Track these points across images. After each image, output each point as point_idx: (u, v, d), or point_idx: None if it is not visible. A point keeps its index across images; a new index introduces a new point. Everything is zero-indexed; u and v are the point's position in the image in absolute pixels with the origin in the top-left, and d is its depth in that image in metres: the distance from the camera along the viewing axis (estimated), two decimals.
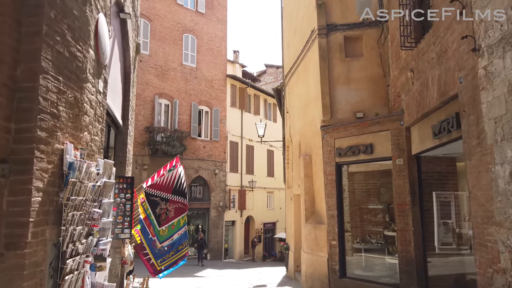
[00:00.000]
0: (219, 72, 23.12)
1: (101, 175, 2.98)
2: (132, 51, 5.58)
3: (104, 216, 3.00)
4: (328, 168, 7.94)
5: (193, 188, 21.40)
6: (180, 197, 5.52)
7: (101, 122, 3.21)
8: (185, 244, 5.71)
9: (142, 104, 19.30)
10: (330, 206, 7.82)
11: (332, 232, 7.72)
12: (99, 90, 3.13)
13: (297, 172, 9.84)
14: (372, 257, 7.63)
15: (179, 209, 5.46)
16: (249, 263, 21.82)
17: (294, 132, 10.56)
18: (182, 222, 5.57)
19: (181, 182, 5.60)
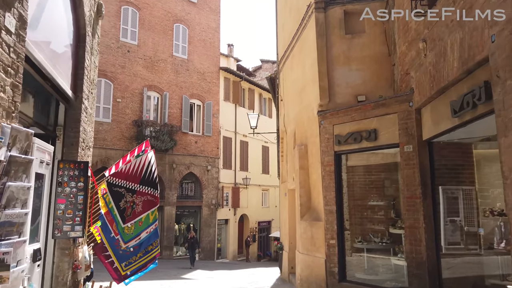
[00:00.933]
0: (211, 64, 22.19)
1: (5, 146, 2.08)
2: (89, 9, 4.65)
3: (10, 206, 2.11)
4: (326, 158, 7.06)
5: (184, 185, 20.48)
6: (149, 188, 4.61)
7: (13, 75, 2.31)
8: (155, 244, 4.81)
9: (130, 96, 18.35)
10: (328, 200, 6.94)
11: (330, 230, 6.84)
12: (8, 29, 2.23)
13: (292, 164, 8.95)
14: (375, 258, 6.76)
15: (148, 202, 4.56)
16: (242, 264, 20.92)
17: (289, 121, 9.67)
18: (152, 217, 4.66)
19: (151, 170, 4.70)
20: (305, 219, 7.66)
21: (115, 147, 17.54)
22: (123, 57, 18.30)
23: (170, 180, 19.41)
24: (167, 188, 19.26)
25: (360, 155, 7.12)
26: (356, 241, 6.88)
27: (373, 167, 7.25)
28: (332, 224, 6.83)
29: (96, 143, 17.64)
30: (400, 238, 6.34)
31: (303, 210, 7.79)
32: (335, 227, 6.78)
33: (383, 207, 6.96)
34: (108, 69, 17.70)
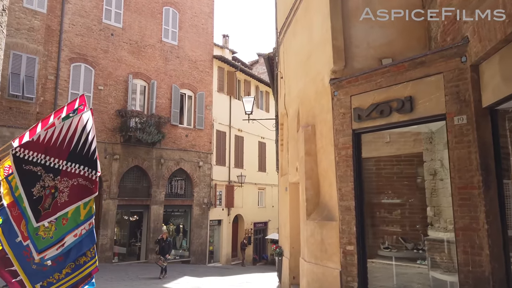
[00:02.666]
0: (204, 52, 20.53)
1: None
2: None
3: None
4: (341, 139, 5.43)
5: (173, 183, 18.80)
6: (82, 166, 2.97)
7: None
8: (90, 255, 3.18)
9: (113, 84, 16.64)
10: (344, 194, 5.31)
11: (347, 233, 5.21)
12: None
13: (295, 152, 7.32)
14: (408, 270, 5.13)
15: (80, 189, 2.91)
16: (237, 268, 19.24)
17: (291, 100, 8.04)
18: (85, 212, 3.00)
19: (86, 140, 3.04)
20: (313, 218, 6.02)
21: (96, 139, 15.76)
22: (106, 40, 16.61)
23: (158, 176, 17.73)
24: (154, 186, 17.57)
25: (384, 134, 5.50)
26: (382, 247, 5.26)
27: (403, 149, 5.63)
28: (349, 224, 5.20)
29: None
30: (442, 244, 4.73)
31: (310, 207, 6.15)
32: (353, 229, 5.15)
33: (417, 203, 5.33)
34: (88, 53, 16.00)
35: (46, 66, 14.80)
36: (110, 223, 15.93)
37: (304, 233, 6.29)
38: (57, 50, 15.11)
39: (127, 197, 16.64)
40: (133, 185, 17.12)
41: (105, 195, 15.90)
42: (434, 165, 5.68)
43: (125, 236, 17.18)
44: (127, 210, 17.09)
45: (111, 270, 13.12)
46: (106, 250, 15.73)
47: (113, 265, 15.25)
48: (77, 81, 15.61)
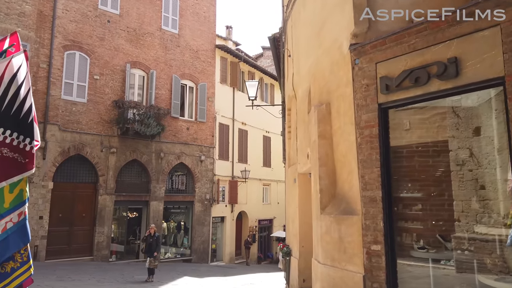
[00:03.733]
0: (206, 41, 19.60)
1: None
2: None
3: None
4: (364, 116, 4.48)
5: (174, 178, 17.93)
6: (9, 131, 2.06)
7: None
8: (20, 259, 2.27)
9: (110, 73, 15.78)
10: (368, 182, 4.37)
11: (372, 229, 4.27)
12: None
13: (305, 137, 6.38)
14: (449, 275, 4.17)
15: (4, 163, 2.01)
16: (240, 267, 18.37)
17: (300, 79, 7.09)
18: (12, 198, 2.06)
19: (17, 95, 2.13)
20: (328, 212, 5.08)
21: (91, 131, 14.99)
22: (102, 28, 15.74)
23: (157, 171, 16.86)
24: (154, 181, 16.71)
25: (402, 121, 4.55)
26: (416, 246, 4.30)
27: (442, 125, 4.67)
28: (375, 219, 4.25)
29: (68, 126, 15.10)
30: (493, 243, 3.78)
31: (325, 199, 5.21)
32: (380, 225, 4.20)
33: (461, 193, 4.38)
34: (83, 41, 15.14)
35: (38, 53, 13.96)
36: (107, 220, 15.11)
37: (317, 230, 5.35)
38: (49, 37, 14.27)
39: (125, 193, 15.80)
40: (131, 180, 16.28)
41: (102, 190, 15.07)
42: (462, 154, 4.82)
43: (123, 234, 16.34)
44: (125, 206, 16.25)
45: (106, 270, 12.29)
46: (102, 248, 14.91)
47: (110, 264, 14.43)
48: (71, 70, 14.77)
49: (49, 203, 13.68)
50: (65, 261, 13.67)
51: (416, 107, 4.53)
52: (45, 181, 13.65)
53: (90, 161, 14.91)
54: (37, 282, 9.13)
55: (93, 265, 13.48)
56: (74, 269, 11.89)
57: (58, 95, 14.29)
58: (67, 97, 14.51)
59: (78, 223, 14.54)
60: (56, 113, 14.17)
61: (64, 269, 11.66)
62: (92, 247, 14.75)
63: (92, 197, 15.02)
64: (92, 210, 14.95)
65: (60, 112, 14.31)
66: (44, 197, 13.58)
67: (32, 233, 13.73)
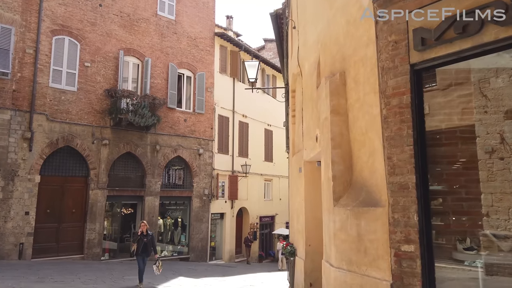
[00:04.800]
0: (205, 28, 18.63)
1: None
2: None
3: None
4: (391, 80, 3.53)
5: (170, 172, 17.01)
6: None
7: None
8: None
9: (102, 61, 14.85)
10: (397, 164, 3.42)
11: (403, 224, 3.33)
12: None
13: (313, 117, 5.43)
14: (506, 282, 3.21)
15: None
16: (241, 266, 17.47)
17: (307, 51, 6.13)
18: None
19: None
20: (344, 204, 4.14)
21: (82, 121, 14.07)
22: (94, 12, 14.79)
23: (153, 164, 15.95)
24: (149, 175, 15.80)
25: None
26: (461, 247, 3.35)
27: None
28: (407, 211, 3.31)
29: (57, 116, 14.15)
30: None
31: (339, 187, 4.26)
32: (414, 219, 3.26)
33: None
34: (73, 25, 14.20)
35: (24, 38, 13.03)
36: (99, 216, 14.21)
37: (329, 226, 4.41)
38: (36, 21, 13.33)
39: (118, 187, 14.89)
40: (125, 174, 15.37)
41: (93, 184, 14.17)
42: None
43: (117, 231, 15.44)
44: (118, 202, 15.34)
45: (95, 269, 11.40)
46: (94, 246, 14.02)
47: (102, 263, 13.55)
48: (60, 56, 13.83)
49: (36, 198, 12.79)
50: (53, 259, 12.80)
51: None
52: (31, 174, 12.75)
53: (80, 153, 14.01)
54: (14, 283, 8.27)
55: (83, 264, 12.60)
56: (61, 268, 11.01)
57: (46, 82, 13.37)
58: (55, 85, 13.59)
59: (68, 219, 13.65)
60: (43, 102, 13.26)
61: (49, 268, 10.78)
62: (82, 245, 13.86)
63: (82, 191, 14.12)
64: (82, 205, 14.05)
65: (48, 101, 13.39)
66: (31, 191, 12.69)
67: (17, 230, 12.89)
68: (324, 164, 4.64)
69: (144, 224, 9.45)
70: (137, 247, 9.11)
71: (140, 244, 9.05)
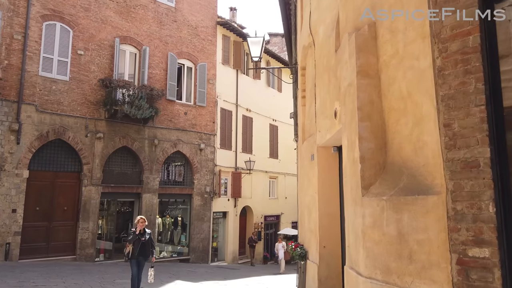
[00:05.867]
0: (206, 17, 17.67)
1: None
2: None
3: None
4: (449, 18, 2.50)
5: (170, 168, 16.08)
6: None
7: None
8: None
9: (96, 49, 13.93)
10: (459, 134, 2.41)
11: (470, 219, 2.31)
12: None
13: (332, 88, 4.42)
14: None
15: None
16: (244, 268, 16.47)
17: (321, 13, 5.12)
18: None
19: None
20: (377, 192, 3.12)
21: (74, 113, 13.16)
22: None
23: (151, 160, 15.02)
24: (147, 171, 14.87)
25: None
26: None
27: None
28: (477, 200, 2.30)
29: (47, 106, 13.18)
30: None
31: (370, 172, 3.24)
32: (489, 210, 2.24)
33: None
34: (65, 11, 13.30)
35: (11, 23, 12.14)
36: (92, 214, 13.28)
37: (355, 223, 3.39)
38: (25, 5, 12.43)
39: (113, 184, 13.98)
40: (120, 169, 14.45)
41: (86, 180, 13.25)
42: None
43: (113, 230, 14.50)
44: (113, 199, 14.40)
45: (86, 271, 10.46)
46: (87, 246, 13.10)
47: (95, 264, 12.62)
48: (51, 43, 12.93)
49: (24, 194, 11.88)
50: (42, 261, 11.89)
51: None
52: (19, 169, 11.85)
53: (73, 147, 13.09)
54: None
55: (73, 265, 11.67)
56: (48, 270, 10.09)
57: (35, 71, 12.47)
58: (46, 74, 12.69)
59: (59, 217, 12.73)
60: (32, 92, 12.36)
61: (34, 270, 9.86)
62: (75, 245, 12.94)
63: (75, 188, 13.20)
64: (75, 203, 13.13)
65: (38, 90, 12.49)
66: (18, 187, 11.78)
67: (3, 229, 11.94)
68: (347, 144, 3.63)
69: (143, 221, 7.72)
70: (133, 248, 7.46)
71: (137, 245, 7.47)
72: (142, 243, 7.53)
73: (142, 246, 7.52)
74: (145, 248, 7.60)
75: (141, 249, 7.53)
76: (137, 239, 7.53)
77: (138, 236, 7.56)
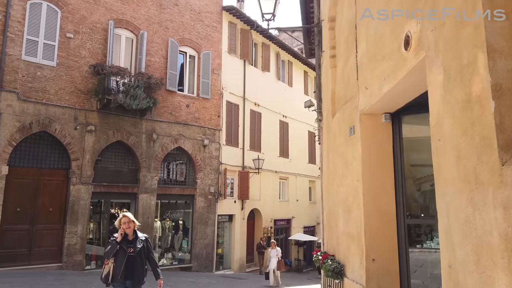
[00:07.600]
0: (211, 1, 16.19)
1: None
2: None
3: None
4: None
5: (170, 166, 14.53)
6: None
7: None
8: None
9: (88, 32, 12.50)
10: None
11: None
12: None
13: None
14: None
15: None
16: (252, 278, 14.79)
17: None
18: None
19: None
20: None
21: (62, 102, 11.70)
22: None
23: (149, 156, 13.48)
24: (144, 168, 13.33)
25: None
26: None
27: None
28: None
29: (31, 95, 11.50)
30: None
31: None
32: None
33: None
34: None
35: None
36: (82, 217, 11.76)
37: (485, 220, 1.74)
38: None
39: (105, 183, 12.45)
40: (114, 167, 12.94)
41: (75, 178, 11.74)
42: None
43: (105, 235, 12.95)
44: (106, 200, 12.84)
45: (68, 282, 8.91)
46: (75, 252, 11.56)
47: (83, 274, 11.07)
48: (36, 24, 11.51)
49: (3, 194, 10.40)
50: (23, 269, 10.39)
51: None
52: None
53: (60, 141, 11.60)
54: None
55: (57, 275, 10.14)
56: (25, 280, 8.58)
57: (18, 55, 11.05)
58: (29, 58, 11.25)
59: (43, 220, 11.22)
60: (14, 78, 10.92)
61: (8, 282, 8.35)
62: (61, 251, 11.42)
63: (62, 187, 11.70)
64: (61, 203, 11.61)
65: (20, 76, 11.05)
66: None
67: None
68: (449, 75, 1.99)
69: (129, 220, 4.88)
70: (115, 266, 4.73)
71: (121, 261, 4.73)
72: (129, 256, 4.76)
73: (129, 261, 4.75)
74: (136, 264, 4.79)
75: (129, 266, 4.73)
76: (120, 250, 4.78)
77: (123, 246, 4.80)
